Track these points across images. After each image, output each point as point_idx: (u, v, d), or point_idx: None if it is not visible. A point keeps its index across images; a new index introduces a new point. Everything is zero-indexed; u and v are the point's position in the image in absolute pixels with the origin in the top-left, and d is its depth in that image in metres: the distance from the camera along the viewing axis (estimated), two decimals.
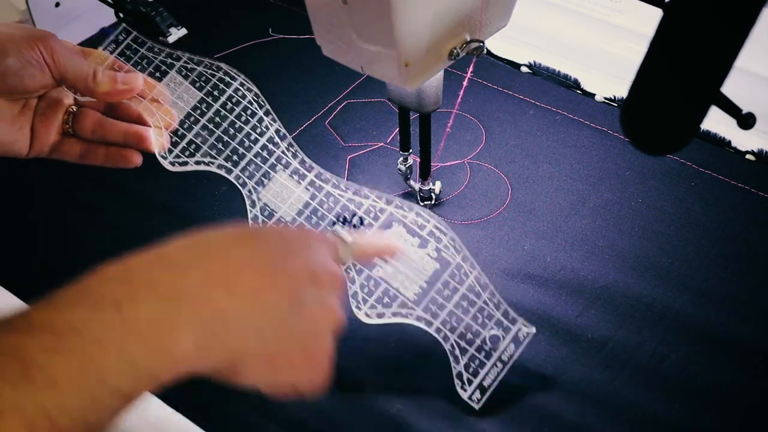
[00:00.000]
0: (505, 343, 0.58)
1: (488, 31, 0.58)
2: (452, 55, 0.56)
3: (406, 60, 0.53)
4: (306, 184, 0.61)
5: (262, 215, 0.60)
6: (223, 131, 0.61)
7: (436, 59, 0.55)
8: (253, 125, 0.62)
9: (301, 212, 0.60)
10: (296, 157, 0.62)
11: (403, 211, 0.60)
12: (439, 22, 0.53)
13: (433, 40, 0.53)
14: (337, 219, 0.60)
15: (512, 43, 0.93)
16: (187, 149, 0.60)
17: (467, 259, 0.59)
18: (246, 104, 0.62)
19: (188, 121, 0.61)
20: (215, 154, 0.61)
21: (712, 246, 0.70)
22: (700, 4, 0.38)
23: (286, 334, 0.40)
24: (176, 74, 0.62)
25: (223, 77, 0.63)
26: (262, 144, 0.61)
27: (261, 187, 0.61)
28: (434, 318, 0.58)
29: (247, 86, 0.63)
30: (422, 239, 0.59)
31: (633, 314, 0.65)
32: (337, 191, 0.61)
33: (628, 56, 0.82)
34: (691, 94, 0.42)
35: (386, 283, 0.58)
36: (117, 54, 0.64)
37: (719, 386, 0.60)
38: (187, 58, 0.64)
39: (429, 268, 0.59)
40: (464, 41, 0.56)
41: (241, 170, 0.60)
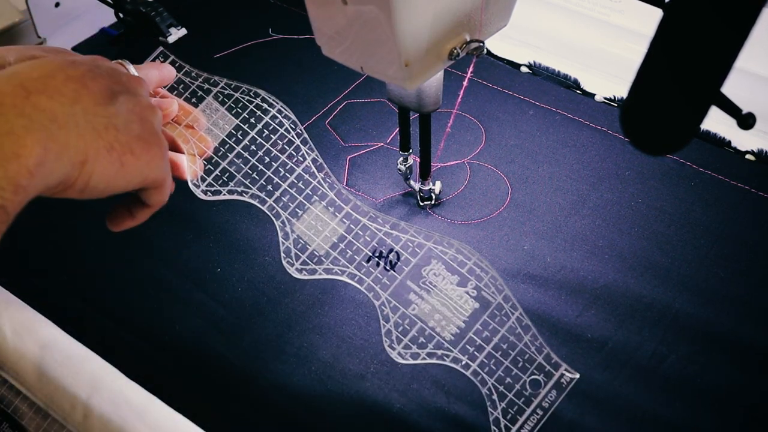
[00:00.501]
0: (546, 389, 0.55)
1: (488, 31, 0.58)
2: (452, 55, 0.56)
3: (406, 60, 0.53)
4: (342, 216, 0.59)
5: (295, 248, 0.58)
6: (258, 159, 0.59)
7: (436, 59, 0.55)
8: (290, 154, 0.60)
9: (336, 246, 0.58)
10: (333, 188, 0.60)
11: (443, 246, 0.58)
12: (439, 22, 0.53)
13: (433, 40, 0.53)
14: (373, 254, 0.58)
15: (512, 43, 0.93)
16: (220, 177, 0.58)
17: (509, 300, 0.57)
18: (283, 132, 0.60)
19: (223, 148, 0.59)
20: (249, 183, 0.59)
21: (712, 246, 0.70)
22: (700, 4, 0.38)
23: (117, 126, 0.43)
24: (213, 100, 0.60)
25: (261, 104, 0.61)
26: (297, 174, 0.59)
27: (295, 219, 0.58)
28: (472, 360, 0.55)
29: (285, 114, 0.61)
30: (462, 277, 0.57)
31: (633, 314, 0.65)
32: (374, 225, 0.59)
33: (628, 56, 0.82)
34: (691, 95, 0.42)
35: (422, 322, 0.56)
36: None
37: (719, 386, 0.60)
38: (224, 83, 0.62)
39: (468, 308, 0.56)
40: (464, 41, 0.56)
41: (275, 201, 0.59)
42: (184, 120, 0.59)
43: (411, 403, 0.61)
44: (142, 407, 0.59)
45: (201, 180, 0.58)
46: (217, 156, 0.59)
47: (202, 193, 0.58)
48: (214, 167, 0.58)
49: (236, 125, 0.60)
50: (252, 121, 0.60)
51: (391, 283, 0.58)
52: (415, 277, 0.58)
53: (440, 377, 0.62)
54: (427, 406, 0.60)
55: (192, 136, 0.59)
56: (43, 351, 0.63)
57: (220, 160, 0.58)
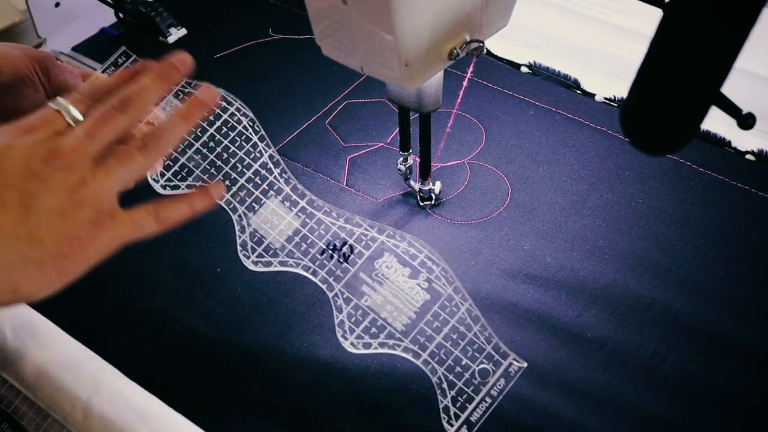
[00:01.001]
0: (495, 378, 0.57)
1: (488, 31, 0.58)
2: (452, 55, 0.56)
3: (406, 60, 0.53)
4: (297, 210, 0.61)
5: (251, 241, 0.60)
6: (217, 156, 0.61)
7: (436, 59, 0.55)
8: (247, 150, 0.61)
9: (291, 239, 0.60)
10: (289, 183, 0.61)
11: (395, 240, 0.60)
12: (439, 22, 0.53)
13: (433, 40, 0.53)
14: (327, 246, 0.60)
15: (512, 43, 0.93)
16: (179, 173, 0.60)
17: (459, 291, 0.59)
18: (241, 129, 0.62)
19: (182, 144, 0.61)
20: (207, 178, 0.60)
21: (712, 246, 0.70)
22: (700, 4, 0.38)
23: (41, 239, 0.40)
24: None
25: (220, 102, 0.63)
26: (254, 169, 0.61)
27: (251, 213, 0.60)
28: (422, 350, 0.57)
29: (243, 111, 0.63)
30: (413, 269, 0.59)
31: (633, 314, 0.65)
32: (328, 219, 0.61)
33: (628, 56, 0.82)
34: (691, 95, 0.42)
35: (374, 313, 0.58)
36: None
37: (719, 386, 0.60)
38: (184, 81, 0.64)
39: (419, 299, 0.58)
40: (464, 41, 0.56)
41: (232, 195, 0.60)
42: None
43: (411, 403, 0.61)
44: (142, 407, 0.59)
45: (160, 175, 0.59)
46: (176, 152, 0.60)
47: (161, 187, 0.59)
48: (174, 163, 0.59)
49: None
50: (211, 118, 0.61)
51: (345, 275, 0.59)
52: (368, 270, 0.59)
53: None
54: (427, 406, 0.60)
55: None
56: (43, 351, 0.63)
57: (179, 156, 0.59)
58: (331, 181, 0.79)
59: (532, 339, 0.64)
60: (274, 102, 0.88)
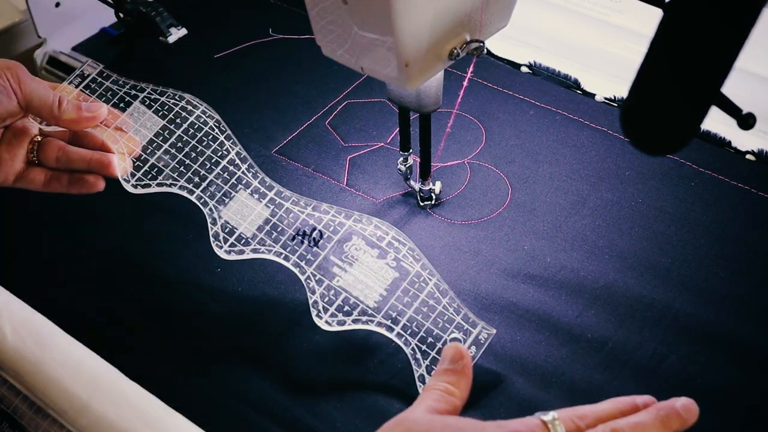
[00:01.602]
0: (466, 345, 0.60)
1: (488, 31, 0.58)
2: (452, 55, 0.56)
3: (406, 60, 0.53)
4: (266, 201, 0.64)
5: (223, 232, 0.63)
6: (185, 155, 0.64)
7: (436, 59, 0.55)
8: (215, 149, 0.65)
9: (262, 228, 0.63)
10: (256, 177, 0.65)
11: (362, 224, 0.63)
12: (439, 22, 0.53)
13: (433, 40, 0.53)
14: (297, 233, 0.63)
15: (512, 43, 0.93)
16: (149, 173, 0.63)
17: (426, 267, 0.62)
18: (207, 130, 0.65)
19: (151, 146, 0.64)
20: (177, 176, 0.63)
21: (712, 246, 0.70)
22: (700, 4, 0.38)
23: None
24: (140, 104, 0.65)
25: (186, 106, 0.66)
26: (222, 166, 0.64)
27: (222, 206, 0.63)
28: (395, 324, 0.60)
29: (209, 114, 0.66)
30: (381, 250, 0.62)
31: (633, 314, 0.65)
32: (296, 207, 0.64)
33: (628, 56, 0.82)
34: (691, 95, 0.42)
35: (346, 292, 0.61)
36: (82, 87, 0.67)
37: (719, 386, 0.60)
38: (150, 89, 0.67)
39: (388, 277, 0.61)
40: (464, 41, 0.56)
41: (203, 191, 0.63)
42: (112, 123, 0.64)
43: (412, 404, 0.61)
44: (142, 407, 0.59)
45: (131, 176, 0.63)
46: (146, 154, 0.63)
47: (132, 187, 0.63)
48: (143, 164, 0.63)
49: (163, 125, 0.65)
50: (178, 121, 0.65)
51: (316, 258, 0.62)
52: (338, 253, 0.63)
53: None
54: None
55: (121, 137, 0.64)
56: (43, 351, 0.63)
57: (148, 157, 0.63)
58: (331, 181, 0.79)
59: (532, 339, 0.64)
60: (274, 102, 0.88)
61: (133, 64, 0.94)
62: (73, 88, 0.67)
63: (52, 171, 0.63)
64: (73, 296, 0.69)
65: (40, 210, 0.77)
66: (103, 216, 0.76)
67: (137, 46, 0.96)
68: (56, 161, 0.62)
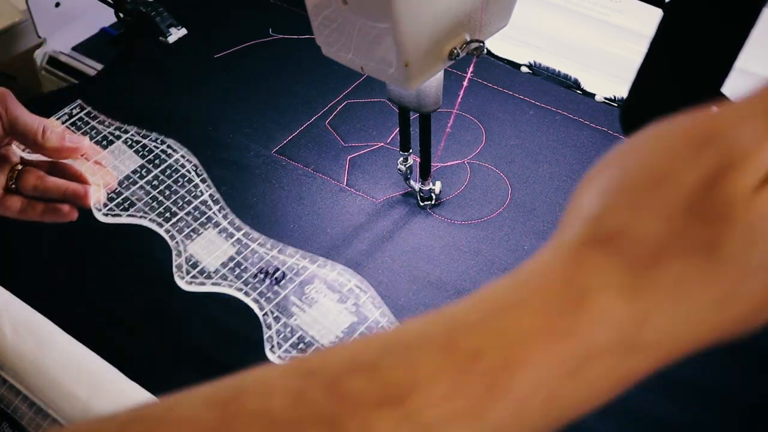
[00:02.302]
0: None
1: (488, 31, 0.58)
2: (452, 56, 0.56)
3: (406, 60, 0.53)
4: (233, 241, 0.66)
5: (187, 264, 0.65)
6: (159, 192, 0.67)
7: (436, 59, 0.55)
8: (189, 189, 0.68)
9: (226, 264, 0.66)
10: (227, 218, 0.67)
11: (326, 269, 0.65)
12: (440, 22, 0.53)
13: (434, 40, 0.53)
14: (259, 272, 0.66)
15: (512, 43, 0.93)
16: (122, 204, 0.66)
17: (385, 315, 0.63)
18: (184, 172, 0.69)
19: (127, 181, 0.67)
20: (148, 210, 0.66)
21: None
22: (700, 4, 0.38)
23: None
24: (122, 144, 0.70)
25: (167, 149, 0.70)
26: (194, 205, 0.67)
27: (189, 241, 0.65)
28: None
29: (188, 158, 0.70)
30: (342, 295, 0.64)
31: None
32: (262, 249, 0.67)
33: (628, 56, 0.82)
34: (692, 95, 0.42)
35: (303, 331, 0.62)
36: (69, 124, 0.71)
37: (719, 386, 0.60)
38: (134, 131, 0.72)
39: (346, 320, 0.62)
40: (464, 41, 0.56)
41: (172, 225, 0.66)
42: (92, 157, 0.67)
43: None
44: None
45: (104, 206, 0.66)
46: (121, 187, 0.67)
47: (102, 216, 0.66)
48: (117, 196, 0.67)
49: (141, 164, 0.69)
50: (156, 162, 0.69)
51: (276, 297, 0.64)
52: (298, 294, 0.64)
53: None
54: None
55: (99, 170, 0.67)
56: (43, 351, 0.63)
57: (123, 191, 0.67)
58: (331, 181, 0.79)
59: None
60: (274, 102, 0.88)
61: (133, 64, 0.94)
62: (59, 123, 0.71)
63: (29, 199, 0.64)
64: (73, 296, 0.69)
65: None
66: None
67: (137, 46, 0.96)
68: (33, 189, 0.64)
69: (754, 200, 0.26)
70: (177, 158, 0.70)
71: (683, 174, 0.26)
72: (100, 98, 0.89)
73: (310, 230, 0.73)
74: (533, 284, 0.26)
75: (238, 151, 0.82)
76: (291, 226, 0.73)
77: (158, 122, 0.85)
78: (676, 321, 0.26)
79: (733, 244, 0.26)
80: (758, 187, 0.26)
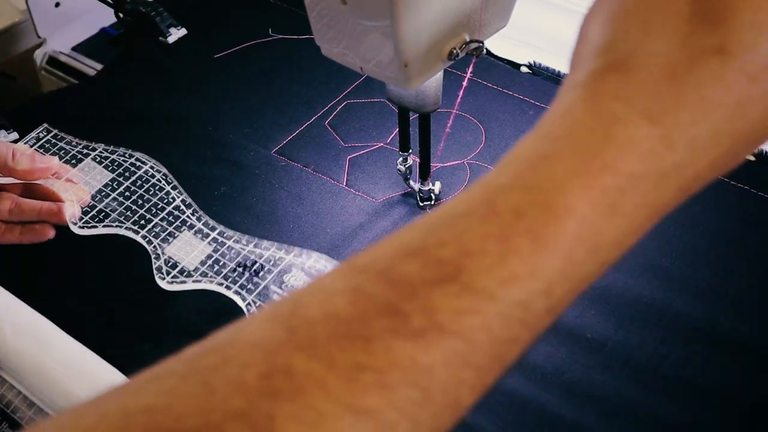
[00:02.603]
0: None
1: (488, 31, 0.58)
2: (452, 56, 0.55)
3: (406, 60, 0.53)
4: (209, 240, 0.68)
5: (166, 266, 0.67)
6: (132, 202, 0.70)
7: (436, 59, 0.55)
8: (161, 197, 0.70)
9: (204, 262, 0.67)
10: (200, 220, 0.70)
11: (302, 258, 0.67)
12: (439, 22, 0.53)
13: (433, 40, 0.53)
14: (237, 266, 0.67)
15: (512, 43, 0.93)
16: (96, 216, 0.69)
17: None
18: (154, 182, 0.72)
19: (99, 195, 0.70)
20: (123, 219, 0.68)
21: (712, 246, 0.70)
22: None
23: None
24: (91, 161, 0.72)
25: (135, 162, 0.73)
26: (168, 211, 0.69)
27: (166, 244, 0.68)
28: None
29: (157, 168, 0.73)
30: None
31: (633, 314, 0.65)
32: (238, 245, 0.68)
33: None
34: None
35: None
36: (37, 147, 0.74)
37: (719, 386, 0.60)
38: (102, 148, 0.75)
39: None
40: (464, 41, 0.56)
41: (147, 231, 0.68)
42: (63, 175, 0.70)
43: None
44: None
45: (79, 219, 0.69)
46: (95, 201, 0.70)
47: (78, 228, 0.68)
48: (91, 209, 0.70)
49: (112, 178, 0.72)
50: (126, 174, 0.72)
51: (256, 288, 0.65)
52: (278, 282, 0.65)
53: None
54: None
55: (71, 187, 0.70)
56: (43, 351, 0.63)
57: (97, 204, 0.70)
58: (330, 181, 0.79)
59: None
60: (274, 102, 0.88)
61: (133, 64, 0.94)
62: (28, 147, 0.74)
63: (6, 224, 0.66)
64: (73, 296, 0.69)
65: None
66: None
67: (137, 46, 0.96)
68: (9, 213, 0.66)
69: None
70: (146, 169, 0.73)
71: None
72: (99, 98, 0.89)
73: (310, 230, 0.73)
74: (559, 131, 0.27)
75: (238, 151, 0.82)
76: (291, 226, 0.74)
77: (158, 122, 0.85)
78: (698, 136, 0.26)
79: (740, 43, 0.26)
80: None
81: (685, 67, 0.26)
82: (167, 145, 0.82)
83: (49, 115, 0.84)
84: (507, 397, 0.60)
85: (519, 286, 0.24)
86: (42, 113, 0.87)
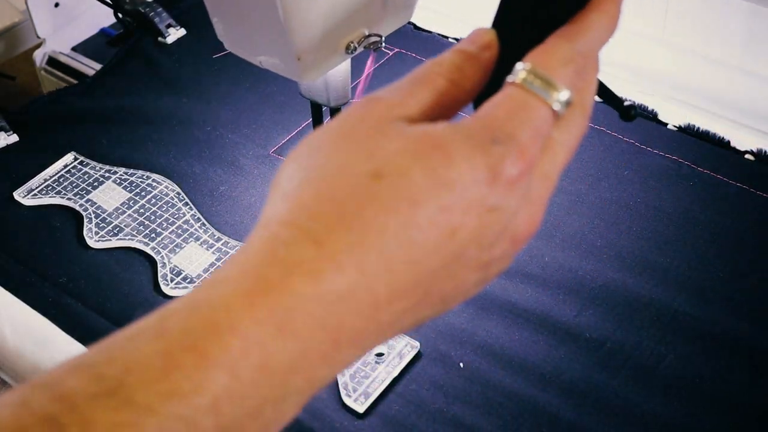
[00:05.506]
0: (391, 358, 0.62)
1: (389, 25, 0.56)
2: (349, 50, 0.54)
3: (297, 54, 0.51)
4: (213, 250, 0.72)
5: (171, 273, 0.70)
6: (145, 218, 0.75)
7: (332, 53, 0.53)
8: (172, 213, 0.75)
9: (207, 270, 0.70)
10: (207, 232, 0.73)
11: None
12: (334, 15, 0.50)
13: (328, 33, 0.51)
14: None
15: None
16: (111, 231, 0.74)
17: None
18: (168, 200, 0.76)
19: (116, 212, 0.75)
20: (135, 233, 0.73)
21: (711, 246, 0.70)
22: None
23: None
24: (111, 183, 0.78)
25: (152, 183, 0.78)
26: (177, 225, 0.74)
27: (173, 255, 0.71)
28: None
29: (171, 187, 0.78)
30: None
31: (631, 314, 0.65)
32: None
33: (627, 56, 0.82)
34: None
35: None
36: (64, 173, 0.79)
37: (718, 386, 0.60)
38: (122, 171, 0.79)
39: None
40: (362, 35, 0.54)
41: (157, 243, 0.72)
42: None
43: (409, 404, 0.61)
44: None
45: (95, 233, 0.73)
46: (111, 217, 0.75)
47: (94, 242, 0.73)
48: (107, 225, 0.74)
49: (129, 197, 0.77)
50: (142, 194, 0.77)
51: None
52: None
53: (438, 378, 0.62)
54: (425, 407, 0.60)
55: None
56: (43, 351, 0.63)
57: (113, 220, 0.74)
58: None
59: (531, 338, 0.64)
60: (273, 102, 0.88)
61: (132, 65, 0.94)
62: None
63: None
64: (72, 296, 0.69)
65: (39, 213, 0.77)
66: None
67: (136, 47, 0.96)
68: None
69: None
70: (161, 189, 0.77)
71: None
72: (99, 98, 0.89)
73: None
74: (237, 256, 0.27)
75: (237, 150, 0.82)
76: None
77: (157, 122, 0.86)
78: (365, 259, 0.26)
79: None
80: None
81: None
82: (166, 145, 0.82)
83: (49, 115, 0.84)
84: (506, 397, 0.60)
85: (180, 401, 0.24)
86: (42, 114, 0.87)
